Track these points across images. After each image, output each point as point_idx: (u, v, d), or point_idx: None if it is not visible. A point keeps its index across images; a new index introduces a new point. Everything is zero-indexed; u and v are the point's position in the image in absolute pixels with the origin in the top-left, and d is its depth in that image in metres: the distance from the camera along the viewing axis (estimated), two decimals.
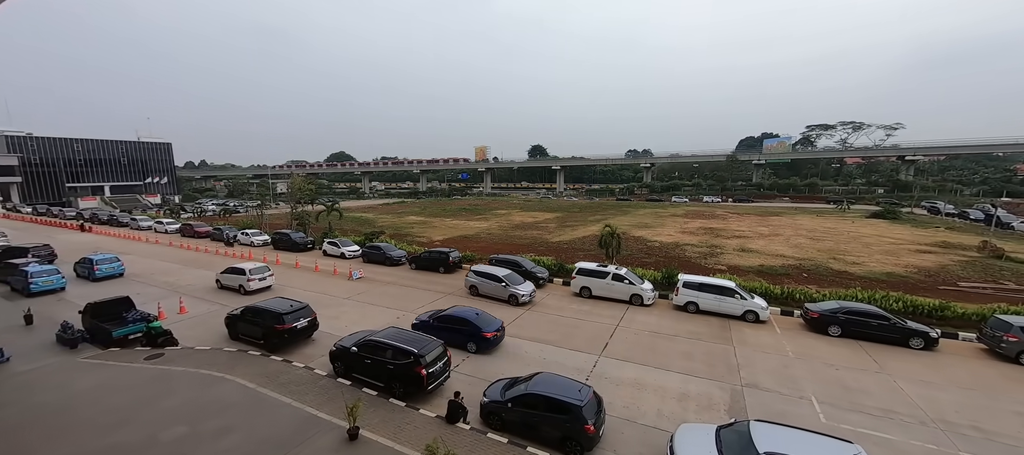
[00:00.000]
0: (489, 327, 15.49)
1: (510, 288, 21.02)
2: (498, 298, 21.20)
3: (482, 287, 21.88)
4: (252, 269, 22.98)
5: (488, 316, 16.29)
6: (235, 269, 23.08)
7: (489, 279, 21.74)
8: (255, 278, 22.63)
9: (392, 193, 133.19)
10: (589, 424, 9.59)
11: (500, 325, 15.98)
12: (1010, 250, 31.80)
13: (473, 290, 22.26)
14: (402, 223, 54.72)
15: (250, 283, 22.35)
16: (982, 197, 70.62)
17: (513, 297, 20.83)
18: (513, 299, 20.80)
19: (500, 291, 21.22)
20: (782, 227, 46.19)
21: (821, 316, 17.46)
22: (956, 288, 23.29)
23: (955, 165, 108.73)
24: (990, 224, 41.43)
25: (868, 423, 11.23)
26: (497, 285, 21.32)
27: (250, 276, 22.57)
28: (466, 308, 16.84)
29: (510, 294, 20.92)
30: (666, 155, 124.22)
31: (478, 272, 22.38)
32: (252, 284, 22.36)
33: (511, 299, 20.85)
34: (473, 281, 22.22)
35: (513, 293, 20.89)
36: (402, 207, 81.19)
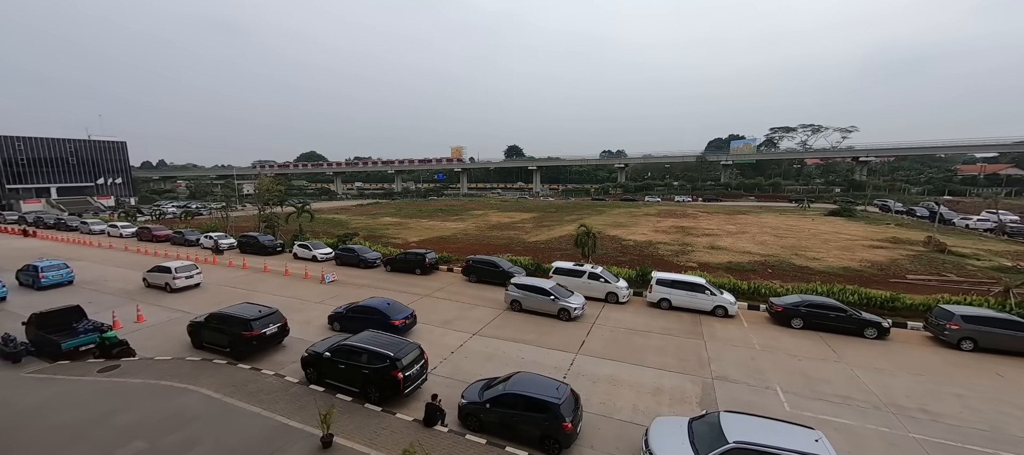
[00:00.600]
0: (398, 315, 16.63)
1: (559, 302, 18.62)
2: (545, 313, 18.89)
3: (526, 301, 19.41)
4: (178, 267, 23.43)
5: (399, 305, 17.65)
6: (161, 267, 23.47)
7: (534, 292, 19.30)
8: (181, 276, 22.99)
9: (366, 194, 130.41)
10: (567, 422, 9.70)
11: (409, 314, 17.25)
12: (952, 245, 34.31)
13: (515, 305, 19.68)
14: (376, 224, 53.65)
15: (176, 280, 22.73)
16: (927, 196, 75.91)
17: (564, 312, 18.45)
18: (564, 314, 18.42)
19: (547, 305, 18.85)
20: (748, 225, 48.12)
21: (784, 309, 18.32)
22: (905, 281, 24.94)
23: (903, 165, 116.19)
24: (934, 221, 44.60)
25: (828, 410, 11.87)
26: (544, 299, 18.93)
27: (176, 274, 22.85)
28: (379, 298, 18.10)
29: (560, 309, 18.55)
30: (639, 156, 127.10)
31: (521, 285, 19.85)
32: (178, 282, 22.75)
33: (561, 314, 18.48)
34: (515, 296, 19.70)
35: (564, 307, 18.49)
36: (376, 208, 79.56)
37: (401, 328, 16.16)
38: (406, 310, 17.36)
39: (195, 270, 23.99)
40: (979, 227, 45.92)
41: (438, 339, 16.54)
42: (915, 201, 68.38)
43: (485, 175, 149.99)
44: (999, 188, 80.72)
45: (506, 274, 24.15)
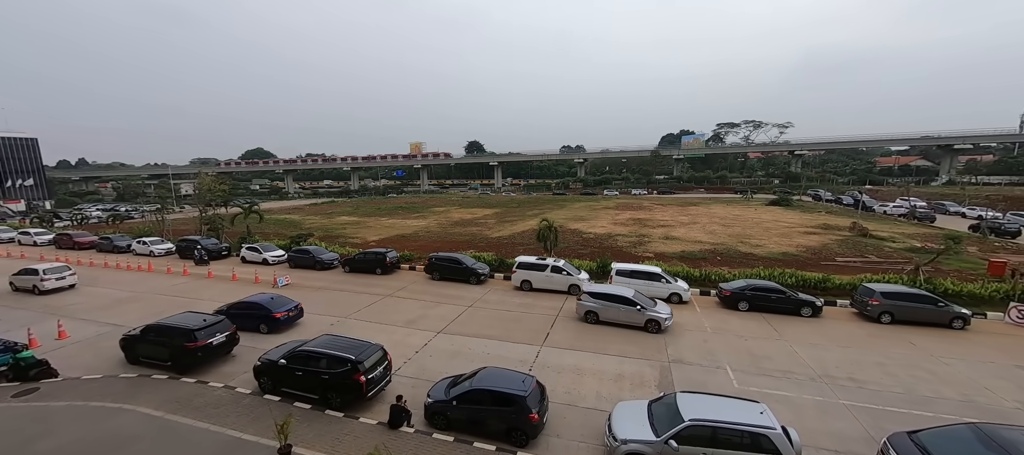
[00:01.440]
0: (280, 308, 16.98)
1: (646, 312, 16.50)
2: (631, 325, 16.70)
3: (605, 313, 17.11)
4: (47, 269, 22.68)
5: (283, 298, 17.90)
6: (29, 270, 22.75)
7: (615, 302, 17.00)
8: (50, 278, 22.34)
9: (320, 193, 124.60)
10: (533, 413, 9.86)
11: (294, 306, 17.53)
12: (873, 229, 38.13)
13: (590, 317, 17.36)
14: (333, 224, 51.49)
15: (44, 283, 22.05)
16: (852, 186, 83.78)
17: (653, 323, 16.40)
18: (653, 326, 16.38)
19: (631, 317, 16.63)
20: (699, 216, 50.90)
21: (732, 294, 19.60)
22: (834, 263, 27.46)
23: (832, 158, 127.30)
24: (858, 208, 49.37)
25: (771, 384, 12.88)
26: (628, 310, 16.69)
27: (44, 276, 22.14)
28: (261, 294, 18.44)
29: (648, 320, 16.44)
30: (597, 150, 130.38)
31: (598, 294, 17.54)
32: (47, 284, 22.11)
33: (650, 326, 16.42)
34: (590, 306, 17.39)
35: (652, 318, 16.40)
36: (332, 207, 76.32)
37: (284, 321, 16.76)
38: (290, 303, 17.62)
39: (68, 271, 23.30)
40: (894, 213, 51.36)
41: (402, 339, 16.21)
42: (842, 191, 75.24)
43: (446, 171, 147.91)
44: (910, 178, 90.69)
45: (470, 271, 24.05)
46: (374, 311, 19.66)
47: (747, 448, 8.46)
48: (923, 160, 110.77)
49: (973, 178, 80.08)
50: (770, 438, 8.38)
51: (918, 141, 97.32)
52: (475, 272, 23.99)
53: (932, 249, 27.20)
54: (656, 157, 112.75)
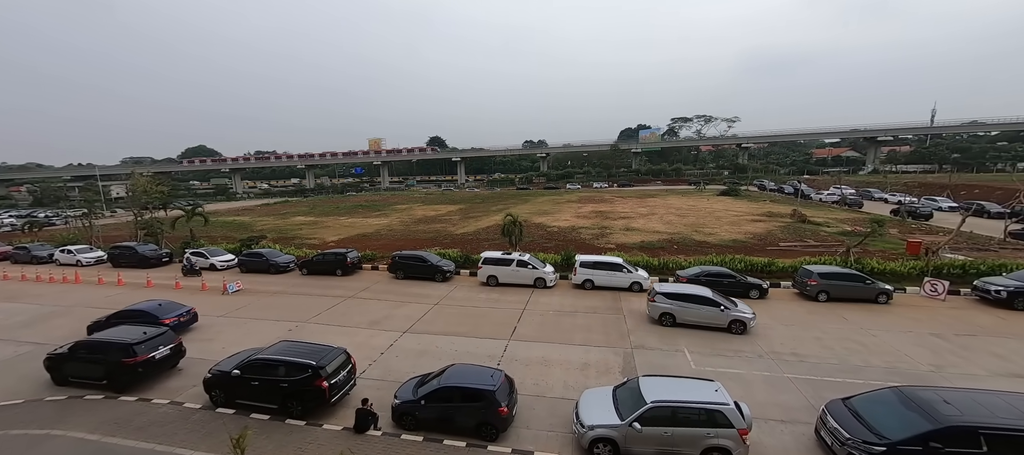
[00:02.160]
0: (170, 314, 16.32)
1: (730, 312, 15.76)
2: (714, 327, 15.91)
3: (683, 314, 16.17)
4: None
5: (173, 304, 17.26)
6: None
7: (695, 302, 16.06)
8: None
9: (273, 192, 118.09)
10: (503, 407, 9.94)
11: (185, 311, 17.00)
12: (811, 216, 41.37)
13: (665, 319, 16.42)
14: (287, 225, 48.99)
15: None
16: (792, 176, 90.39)
17: (737, 324, 15.66)
18: (738, 327, 15.66)
19: (713, 318, 15.87)
20: (657, 207, 53.03)
21: (688, 280, 20.57)
22: (778, 248, 29.58)
23: (775, 151, 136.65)
24: (797, 196, 53.35)
25: (724, 363, 13.71)
26: (709, 311, 15.87)
27: None
28: (148, 301, 17.43)
29: (732, 320, 15.67)
30: (560, 145, 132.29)
31: (674, 295, 16.53)
32: None
33: (734, 327, 15.68)
34: (666, 307, 16.36)
35: (737, 319, 15.68)
36: (286, 207, 72.58)
37: (175, 327, 15.82)
38: (180, 308, 17.04)
39: None
40: (828, 200, 55.99)
41: (366, 341, 15.77)
42: (783, 180, 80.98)
43: (407, 168, 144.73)
44: (841, 168, 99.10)
45: (435, 268, 23.75)
46: (335, 314, 18.98)
47: (704, 424, 8.99)
48: (852, 151, 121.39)
49: (893, 167, 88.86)
50: (724, 413, 8.95)
51: (847, 134, 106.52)
52: (440, 269, 23.72)
53: (860, 232, 29.89)
54: (616, 151, 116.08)
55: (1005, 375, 12.72)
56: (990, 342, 15.01)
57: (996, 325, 16.52)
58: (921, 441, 8.20)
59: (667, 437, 9.10)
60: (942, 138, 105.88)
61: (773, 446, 9.76)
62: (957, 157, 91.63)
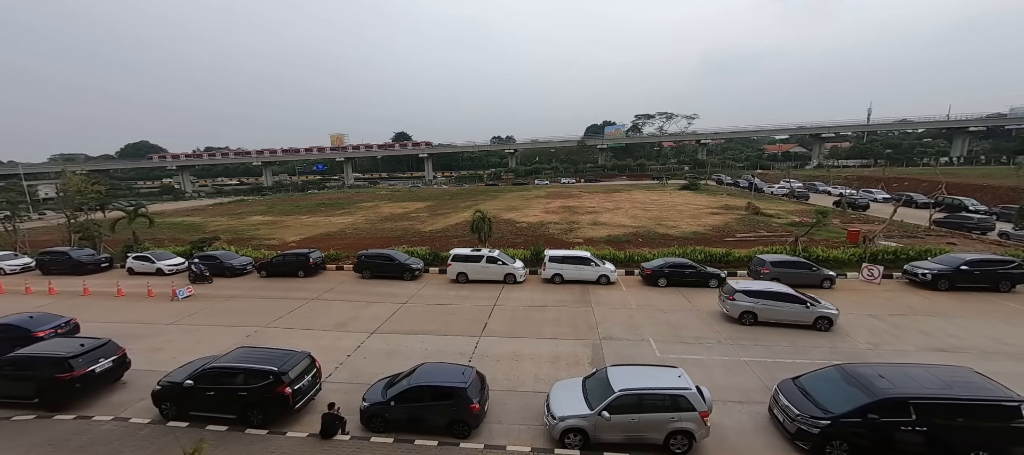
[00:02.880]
0: (43, 326, 14.81)
1: (816, 309, 15.69)
2: (797, 325, 15.70)
3: (765, 312, 15.97)
4: None
5: (47, 315, 15.83)
6: None
7: (778, 300, 15.98)
8: None
9: (226, 191, 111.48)
10: (474, 403, 9.93)
11: (63, 322, 15.44)
12: (763, 208, 43.88)
13: (746, 318, 16.16)
14: (243, 225, 46.44)
15: None
16: (746, 170, 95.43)
17: (823, 320, 15.56)
18: (824, 323, 15.56)
19: (798, 315, 15.65)
20: (623, 202, 54.47)
21: (652, 272, 21.39)
22: (734, 239, 31.19)
23: (730, 146, 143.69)
24: (751, 190, 56.46)
25: (687, 350, 14.35)
26: (794, 308, 15.74)
27: None
28: (17, 315, 15.54)
29: (817, 317, 15.56)
30: (528, 141, 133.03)
31: (754, 292, 16.23)
32: None
33: (820, 324, 15.53)
34: (747, 306, 16.09)
35: (823, 315, 15.57)
36: (242, 206, 68.76)
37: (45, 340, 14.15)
38: (57, 319, 15.43)
39: None
40: (778, 193, 59.60)
41: (332, 343, 15.27)
42: (739, 175, 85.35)
43: (372, 164, 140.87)
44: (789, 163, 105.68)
45: (403, 266, 23.30)
46: (298, 317, 18.24)
47: (668, 409, 9.37)
48: (799, 147, 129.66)
49: (835, 162, 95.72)
50: (686, 398, 9.36)
51: (795, 131, 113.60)
52: (409, 268, 23.30)
53: (807, 223, 32.04)
54: (582, 147, 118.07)
55: (931, 349, 14.07)
56: (918, 321, 16.56)
57: (923, 305, 18.23)
58: (860, 413, 8.95)
59: (634, 423, 9.42)
60: (877, 135, 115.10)
61: (732, 426, 10.33)
62: (890, 152, 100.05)
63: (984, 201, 42.11)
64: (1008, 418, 8.65)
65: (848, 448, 9.02)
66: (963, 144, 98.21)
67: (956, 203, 39.99)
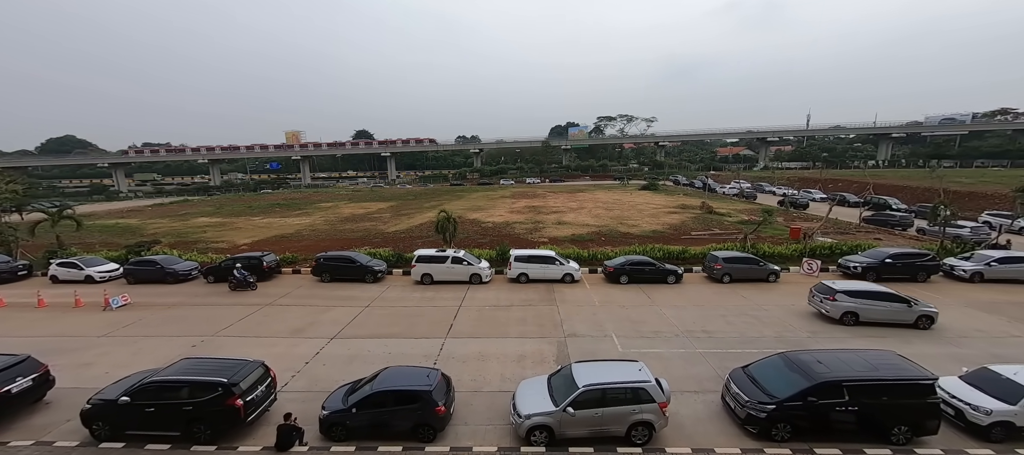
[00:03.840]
0: None
1: (917, 308, 15.93)
2: (898, 324, 15.92)
3: (867, 312, 16.08)
4: None
5: None
6: None
7: (879, 300, 16.13)
8: None
9: (167, 190, 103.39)
10: (440, 406, 9.80)
11: None
12: (716, 207, 46.38)
13: (848, 318, 16.26)
14: (188, 227, 43.27)
15: None
16: (700, 171, 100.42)
17: (925, 319, 15.82)
18: (925, 321, 15.85)
19: (901, 314, 15.93)
20: (586, 201, 55.71)
21: (614, 269, 22.04)
22: (690, 236, 32.76)
23: (686, 148, 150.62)
24: (705, 190, 59.50)
25: (647, 344, 14.90)
26: (897, 307, 15.98)
27: None
28: None
29: (919, 316, 15.84)
30: (493, 141, 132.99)
31: (855, 292, 16.37)
32: None
33: (922, 322, 15.78)
34: (849, 306, 16.21)
35: (925, 314, 15.86)
36: (186, 207, 64.07)
37: None
38: None
39: None
40: (729, 193, 63.22)
41: (287, 351, 14.56)
42: (694, 176, 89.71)
43: (332, 163, 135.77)
44: (739, 165, 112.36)
45: (365, 269, 22.60)
46: (250, 324, 17.25)
47: (629, 402, 9.69)
48: (748, 150, 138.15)
49: (780, 164, 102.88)
50: (646, 390, 9.73)
51: (744, 135, 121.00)
52: (371, 270, 22.64)
53: (755, 221, 34.20)
54: (547, 147, 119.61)
55: (861, 336, 15.40)
56: None
57: None
58: (801, 396, 9.67)
59: (598, 418, 9.66)
60: (815, 139, 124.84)
61: (688, 415, 10.84)
62: (826, 156, 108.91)
63: (904, 200, 46.78)
64: (924, 395, 9.65)
65: (791, 429, 9.73)
66: (887, 149, 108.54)
67: (881, 202, 44.15)
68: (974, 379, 10.70)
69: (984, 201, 42.16)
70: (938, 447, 9.62)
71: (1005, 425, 9.65)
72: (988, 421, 9.70)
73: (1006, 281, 20.99)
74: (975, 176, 63.10)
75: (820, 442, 9.69)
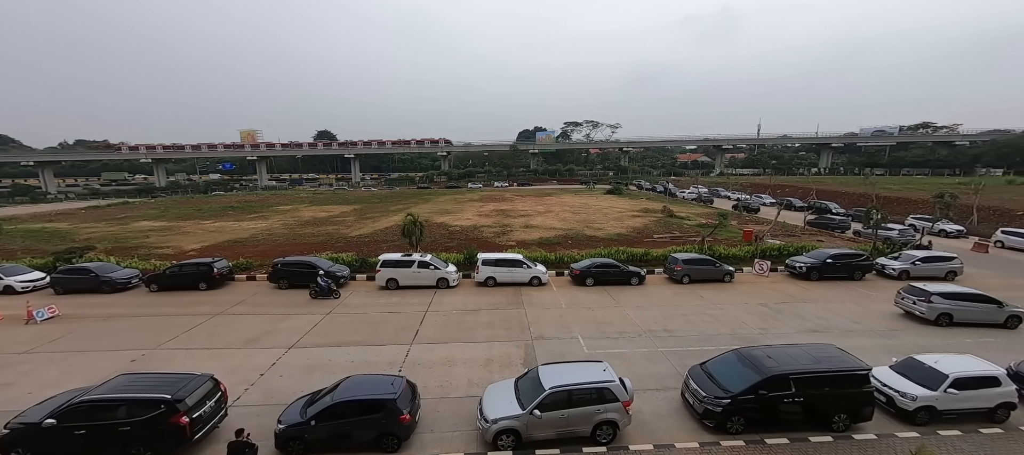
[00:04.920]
0: None
1: (1007, 308, 16.66)
2: (989, 324, 16.58)
3: (960, 314, 16.68)
4: None
5: None
6: None
7: (973, 301, 16.83)
8: None
9: (104, 192, 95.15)
10: (404, 414, 9.58)
11: None
12: (677, 211, 48.31)
13: (942, 320, 16.81)
14: (128, 232, 39.99)
15: None
16: (662, 177, 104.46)
17: (1015, 319, 16.57)
18: (1014, 321, 16.59)
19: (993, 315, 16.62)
20: (553, 205, 56.42)
21: (580, 272, 22.44)
22: (652, 239, 33.93)
23: (649, 154, 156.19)
24: (666, 194, 61.95)
25: (611, 344, 15.27)
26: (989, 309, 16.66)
27: None
28: None
29: (1009, 316, 16.60)
30: (461, 144, 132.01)
31: (949, 294, 16.99)
32: None
33: (1010, 322, 16.53)
34: (943, 307, 16.76)
35: (1015, 314, 16.69)
36: (126, 210, 59.24)
37: None
38: None
39: None
40: (688, 197, 66.13)
41: (241, 362, 13.76)
42: (656, 181, 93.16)
43: (292, 165, 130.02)
44: (698, 170, 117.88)
45: (328, 273, 21.71)
46: (199, 335, 16.17)
47: (594, 402, 9.88)
48: (705, 156, 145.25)
49: (734, 170, 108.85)
50: (611, 389, 9.96)
51: (701, 142, 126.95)
52: (333, 275, 21.80)
53: (711, 224, 35.91)
54: (515, 151, 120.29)
55: (805, 331, 16.55)
56: (796, 306, 19.39)
57: (800, 293, 21.39)
58: (753, 390, 10.23)
59: (564, 419, 9.78)
60: (765, 147, 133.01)
61: (650, 412, 11.19)
62: (775, 163, 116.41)
63: (843, 205, 50.74)
64: (860, 384, 10.48)
65: (744, 422, 10.27)
66: (828, 157, 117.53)
67: (823, 206, 47.68)
68: (902, 368, 11.72)
69: (910, 206, 46.45)
70: (873, 432, 10.45)
71: (929, 409, 10.65)
72: (914, 406, 10.66)
73: (928, 278, 23.18)
74: (902, 183, 69.49)
75: (770, 433, 10.29)
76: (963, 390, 10.66)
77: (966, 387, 10.69)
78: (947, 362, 11.30)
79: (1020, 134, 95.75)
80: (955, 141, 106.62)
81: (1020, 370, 11.85)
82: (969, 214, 39.39)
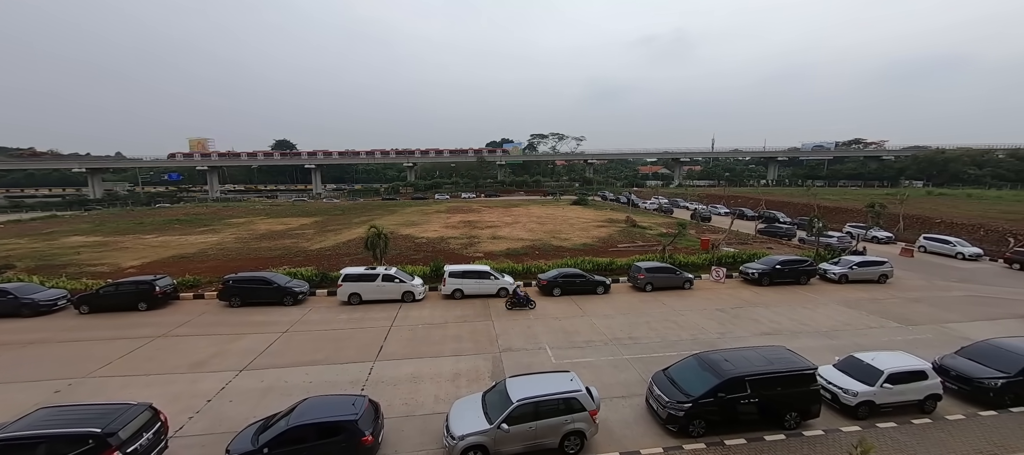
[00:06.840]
0: None
1: None
2: None
3: None
4: None
5: None
6: None
7: None
8: None
9: (28, 204, 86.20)
10: (366, 436, 9.17)
11: None
12: (640, 221, 49.96)
13: None
14: (56, 248, 36.32)
15: None
16: (625, 188, 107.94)
17: None
18: None
19: None
20: (520, 216, 56.78)
21: (548, 282, 22.60)
22: (616, 249, 34.83)
23: (612, 166, 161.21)
24: (629, 205, 63.94)
25: (579, 354, 15.40)
26: None
27: None
28: None
29: None
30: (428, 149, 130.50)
31: None
32: None
33: None
34: None
35: None
36: (54, 224, 53.83)
37: None
38: None
39: None
40: (650, 208, 68.64)
41: (186, 388, 12.72)
42: (619, 192, 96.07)
43: (247, 175, 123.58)
44: (658, 182, 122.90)
45: (283, 290, 20.66)
46: (137, 360, 14.84)
47: (562, 412, 9.89)
48: (665, 169, 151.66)
49: (691, 182, 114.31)
50: (577, 399, 10.01)
51: (661, 155, 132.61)
52: (290, 292, 20.75)
53: (671, 233, 37.40)
54: (482, 163, 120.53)
55: (759, 334, 17.43)
56: (750, 311, 20.43)
57: (753, 298, 22.58)
58: (713, 393, 10.61)
59: (532, 431, 9.71)
60: (718, 160, 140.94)
61: (617, 420, 11.34)
62: (728, 175, 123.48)
63: (789, 214, 54.40)
64: (808, 383, 11.14)
65: (705, 424, 10.62)
66: (775, 170, 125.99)
67: (772, 216, 50.86)
68: (844, 366, 12.58)
69: (846, 215, 50.45)
70: (820, 428, 11.10)
71: (868, 404, 11.46)
72: (855, 402, 11.44)
73: (864, 281, 25.17)
74: (839, 194, 75.44)
75: (729, 434, 10.68)
76: (897, 384, 11.57)
77: (899, 381, 11.61)
78: (882, 359, 12.24)
79: (935, 150, 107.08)
80: (883, 156, 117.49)
81: (944, 363, 13.05)
82: (896, 222, 43.34)
